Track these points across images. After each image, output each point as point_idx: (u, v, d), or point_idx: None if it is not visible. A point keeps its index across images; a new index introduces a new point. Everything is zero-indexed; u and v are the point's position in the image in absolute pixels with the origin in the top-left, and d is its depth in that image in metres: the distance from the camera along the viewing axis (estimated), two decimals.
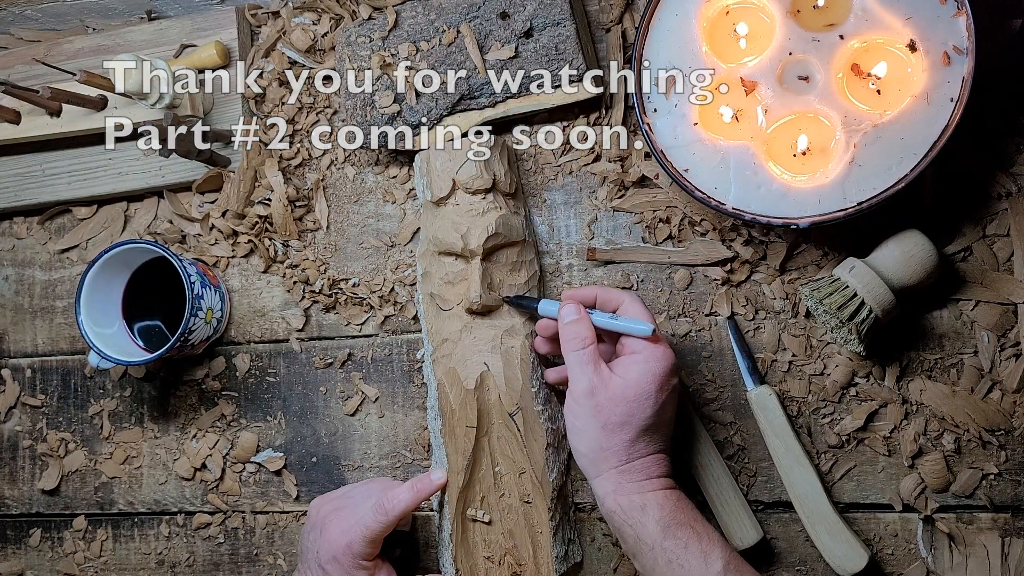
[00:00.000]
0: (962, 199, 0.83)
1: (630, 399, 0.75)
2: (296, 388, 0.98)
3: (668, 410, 0.78)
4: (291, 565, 0.97)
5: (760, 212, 0.80)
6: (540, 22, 0.87)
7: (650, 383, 0.76)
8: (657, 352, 0.77)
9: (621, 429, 0.76)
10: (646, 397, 0.75)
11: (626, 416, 0.75)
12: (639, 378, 0.76)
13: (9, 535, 1.06)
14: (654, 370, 0.76)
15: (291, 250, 0.99)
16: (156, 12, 1.06)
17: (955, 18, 0.76)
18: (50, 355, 1.06)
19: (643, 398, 0.75)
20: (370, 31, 0.92)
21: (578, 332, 0.78)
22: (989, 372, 0.82)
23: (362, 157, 0.98)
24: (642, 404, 0.75)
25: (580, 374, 0.77)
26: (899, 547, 0.84)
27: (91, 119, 0.98)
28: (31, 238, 1.08)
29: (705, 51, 0.83)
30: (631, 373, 0.76)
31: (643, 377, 0.76)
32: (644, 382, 0.76)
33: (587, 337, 0.78)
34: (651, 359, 0.76)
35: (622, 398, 0.75)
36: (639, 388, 0.75)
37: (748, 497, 0.86)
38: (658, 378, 0.76)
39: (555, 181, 0.93)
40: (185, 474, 1.00)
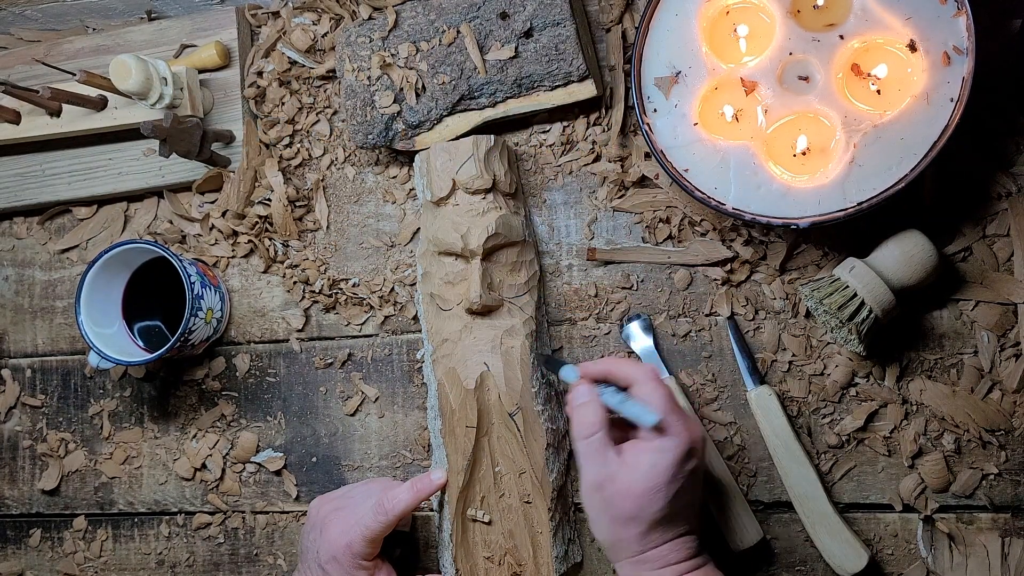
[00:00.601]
0: (962, 199, 0.83)
1: (638, 494, 0.70)
2: (296, 388, 0.98)
3: (685, 497, 0.72)
4: (291, 565, 0.97)
5: (760, 212, 0.80)
6: (540, 22, 0.87)
7: (659, 476, 0.70)
8: (667, 443, 0.71)
9: (632, 523, 0.71)
10: (655, 491, 0.70)
11: (635, 511, 0.70)
12: (648, 471, 0.70)
13: (9, 535, 1.06)
14: (664, 461, 0.70)
15: (291, 250, 0.99)
16: (156, 12, 1.06)
17: (955, 18, 0.76)
18: (50, 355, 1.06)
19: (653, 492, 0.70)
20: (370, 31, 0.92)
21: (584, 418, 0.73)
22: (989, 372, 0.82)
23: (362, 157, 0.98)
24: (652, 498, 0.70)
25: (587, 465, 0.73)
26: (899, 547, 0.84)
27: (91, 119, 0.98)
28: (31, 238, 1.08)
29: (705, 51, 0.83)
30: (641, 464, 0.71)
31: (652, 470, 0.70)
32: (653, 475, 0.70)
33: (594, 423, 0.73)
34: (662, 449, 0.71)
35: (630, 493, 0.70)
36: (648, 482, 0.70)
37: (748, 497, 0.86)
38: (669, 469, 0.70)
39: (555, 181, 0.93)
40: (185, 474, 1.00)
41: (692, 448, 0.71)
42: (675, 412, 0.72)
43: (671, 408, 0.72)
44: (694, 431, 0.73)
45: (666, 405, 0.72)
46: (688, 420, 0.73)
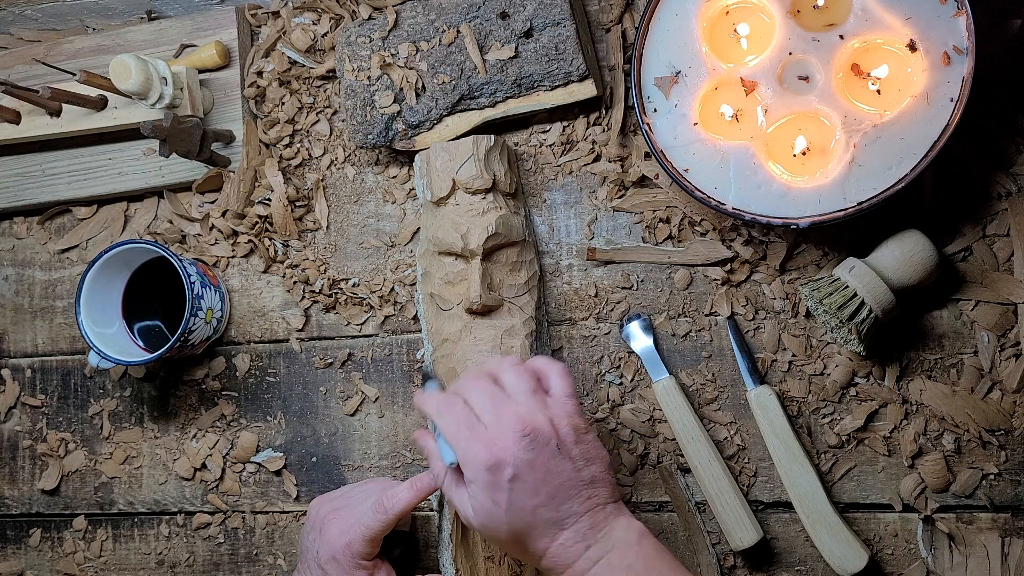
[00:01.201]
0: (962, 199, 0.83)
1: (482, 526, 0.71)
2: (296, 388, 0.98)
3: (525, 505, 0.69)
4: (291, 565, 0.97)
5: (760, 212, 0.80)
6: (540, 22, 0.87)
7: (483, 503, 0.70)
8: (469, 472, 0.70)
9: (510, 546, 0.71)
10: (490, 519, 0.70)
11: (494, 538, 0.72)
12: (475, 504, 0.71)
13: (9, 535, 1.06)
14: (477, 491, 0.70)
15: (291, 250, 0.99)
16: (156, 12, 1.06)
17: (955, 18, 0.76)
18: (50, 355, 1.06)
19: (489, 520, 0.70)
20: (370, 31, 0.92)
21: (431, 467, 0.76)
22: (989, 372, 0.82)
23: (362, 157, 0.98)
24: (494, 525, 0.70)
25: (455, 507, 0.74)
26: (899, 547, 0.84)
27: (91, 119, 0.98)
28: (31, 238, 1.08)
29: (705, 51, 0.83)
30: (470, 500, 0.71)
31: (475, 502, 0.70)
32: (480, 507, 0.70)
33: (438, 473, 0.75)
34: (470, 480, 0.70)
35: (479, 526, 0.71)
36: (480, 514, 0.70)
37: (748, 497, 0.86)
38: (486, 493, 0.70)
39: (555, 181, 0.93)
40: (185, 474, 1.00)
41: (494, 462, 0.69)
42: (465, 435, 0.71)
43: (460, 434, 0.71)
44: (499, 438, 0.70)
45: (454, 434, 0.71)
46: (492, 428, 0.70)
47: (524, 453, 0.69)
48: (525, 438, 0.69)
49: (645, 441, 0.88)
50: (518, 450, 0.69)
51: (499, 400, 0.72)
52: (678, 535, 0.87)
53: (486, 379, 0.74)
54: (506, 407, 0.71)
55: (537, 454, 0.70)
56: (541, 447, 0.70)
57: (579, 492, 0.71)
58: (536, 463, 0.70)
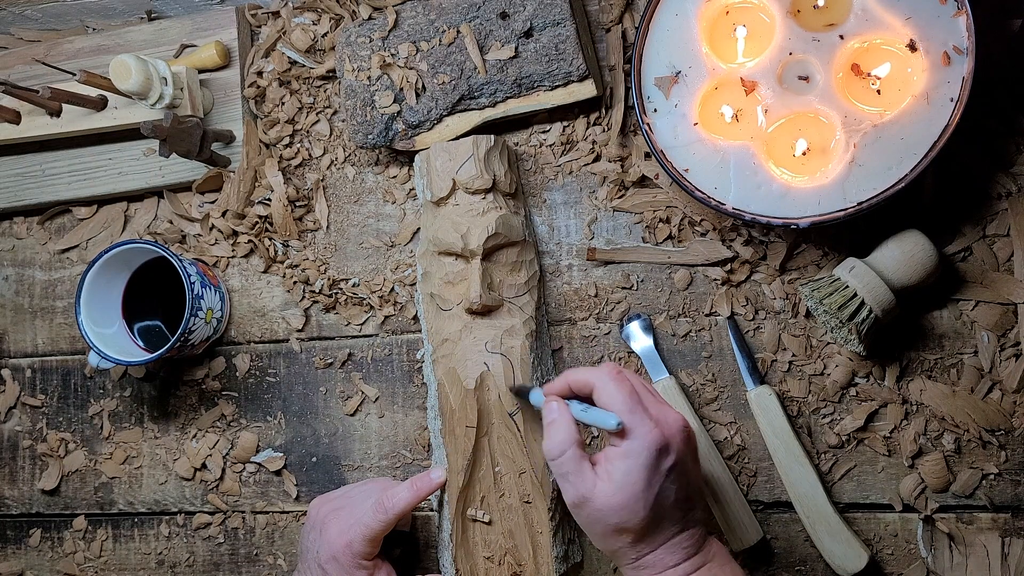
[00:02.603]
0: (962, 199, 0.83)
1: (617, 507, 0.68)
2: (296, 388, 0.98)
3: (670, 495, 0.69)
4: (291, 565, 0.97)
5: (760, 212, 0.80)
6: (540, 22, 0.87)
7: (635, 483, 0.67)
8: (634, 445, 0.68)
9: (620, 535, 0.69)
10: (635, 500, 0.68)
11: (619, 523, 0.68)
12: (623, 480, 0.68)
13: (9, 535, 1.06)
14: (636, 466, 0.68)
15: (291, 250, 0.99)
16: (156, 12, 1.06)
17: (955, 18, 0.76)
18: (50, 355, 1.06)
19: (632, 501, 0.68)
20: (370, 31, 0.92)
21: (553, 438, 0.71)
22: (989, 372, 0.82)
23: (362, 157, 0.98)
24: (633, 507, 0.68)
25: (564, 485, 0.71)
26: (899, 547, 0.84)
27: (91, 119, 0.98)
28: (31, 238, 1.08)
29: (705, 51, 0.83)
30: (615, 475, 0.68)
31: (627, 478, 0.68)
32: (628, 483, 0.67)
33: (562, 442, 0.70)
34: (630, 453, 0.68)
35: (609, 507, 0.68)
36: (625, 492, 0.68)
37: (748, 497, 0.86)
38: (642, 473, 0.67)
39: (555, 181, 0.93)
40: (185, 474, 1.00)
41: (664, 444, 0.68)
42: (638, 409, 0.69)
43: (633, 406, 0.69)
44: (666, 424, 0.69)
45: (627, 403, 0.69)
46: (658, 413, 0.70)
47: (684, 446, 0.70)
48: (684, 432, 0.71)
49: None
50: (680, 441, 0.70)
51: (653, 393, 0.73)
52: None
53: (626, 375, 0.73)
54: (661, 401, 0.73)
55: (689, 452, 0.71)
56: (691, 446, 0.72)
57: (700, 501, 0.72)
58: (688, 460, 0.71)
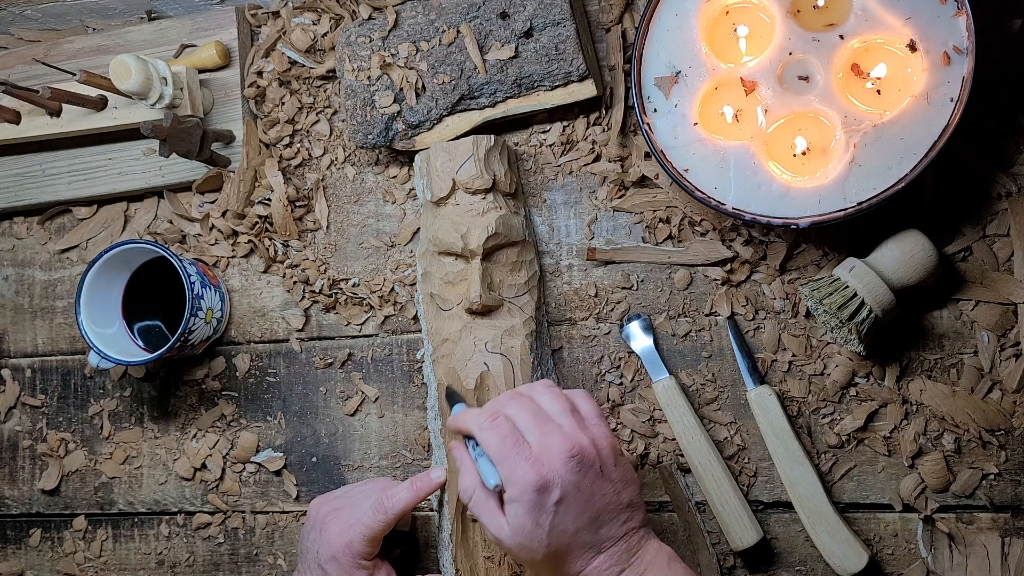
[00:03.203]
0: (962, 199, 0.83)
1: (518, 546, 0.70)
2: (296, 388, 0.98)
3: (567, 526, 0.69)
4: (291, 565, 0.97)
5: (760, 212, 0.80)
6: (540, 22, 0.87)
7: (524, 525, 0.69)
8: (514, 492, 0.69)
9: (538, 566, 0.71)
10: (529, 539, 0.69)
11: (528, 558, 0.70)
12: (515, 523, 0.69)
13: (9, 535, 1.06)
14: (520, 510, 0.69)
15: (291, 250, 0.99)
16: (156, 12, 1.06)
17: (955, 18, 0.76)
18: (50, 355, 1.06)
19: (528, 541, 0.69)
20: (370, 31, 0.92)
21: (460, 482, 0.73)
22: (989, 372, 0.82)
23: (362, 157, 0.98)
24: (530, 547, 0.69)
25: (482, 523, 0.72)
26: (899, 547, 0.84)
27: (91, 119, 0.98)
28: (31, 238, 1.08)
29: (705, 51, 0.83)
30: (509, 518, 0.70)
31: (515, 521, 0.69)
32: (518, 526, 0.69)
33: (467, 488, 0.73)
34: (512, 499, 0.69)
35: (513, 546, 0.70)
36: (519, 534, 0.69)
37: (748, 497, 0.86)
38: (529, 514, 0.68)
39: (555, 181, 0.93)
40: (185, 474, 1.00)
41: (542, 483, 0.68)
42: (511, 455, 0.69)
43: (506, 453, 0.69)
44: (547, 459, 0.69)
45: (499, 453, 0.70)
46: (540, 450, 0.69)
47: (571, 475, 0.68)
48: (573, 459, 0.69)
49: (645, 441, 0.88)
50: (566, 472, 0.68)
51: (542, 419, 0.71)
52: (678, 535, 0.87)
53: (526, 398, 0.73)
54: (549, 427, 0.70)
55: (583, 476, 0.69)
56: (587, 469, 0.69)
57: (618, 515, 0.71)
58: (582, 485, 0.69)
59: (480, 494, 0.72)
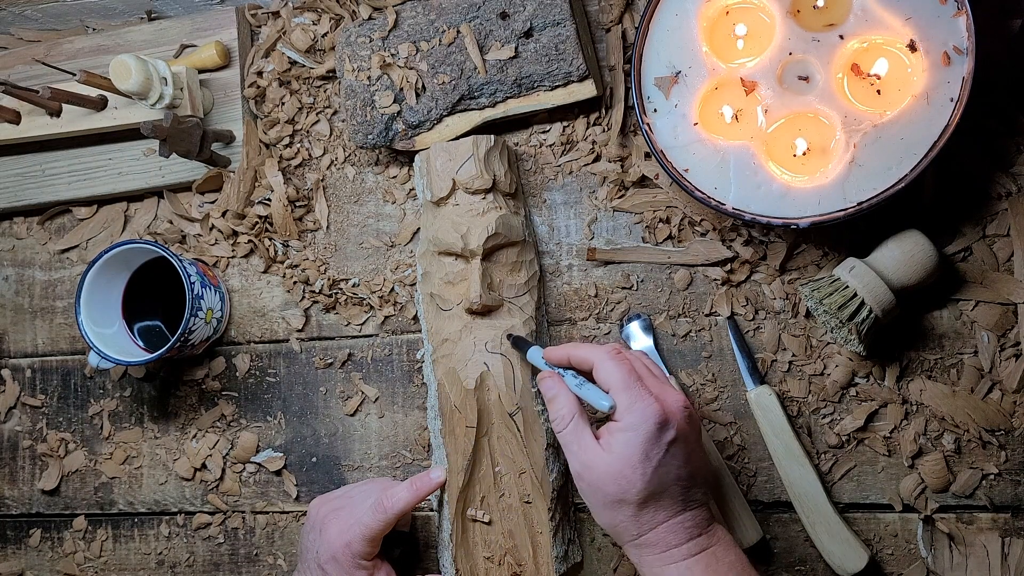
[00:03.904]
0: (962, 199, 0.83)
1: (616, 475, 0.69)
2: (296, 388, 0.98)
3: (671, 469, 0.70)
4: (291, 565, 0.97)
5: (760, 212, 0.80)
6: (540, 22, 0.87)
7: (633, 453, 0.69)
8: (634, 419, 0.69)
9: (620, 506, 0.70)
10: (632, 470, 0.69)
11: (618, 493, 0.70)
12: (621, 450, 0.69)
13: (9, 535, 1.06)
14: (635, 439, 0.69)
15: (291, 250, 0.99)
16: (156, 12, 1.06)
17: (955, 18, 0.76)
18: (50, 355, 1.06)
19: (630, 471, 0.69)
20: (370, 31, 0.92)
21: (557, 411, 0.73)
22: (989, 372, 0.82)
23: (362, 157, 0.98)
24: (631, 477, 0.69)
25: (568, 455, 0.72)
26: (899, 547, 0.84)
27: (91, 119, 0.98)
28: (31, 238, 1.08)
29: (705, 51, 0.83)
30: (615, 445, 0.70)
31: (625, 449, 0.69)
32: (627, 454, 0.69)
33: (565, 415, 0.73)
34: (630, 427, 0.69)
35: (608, 476, 0.69)
36: (622, 461, 0.69)
37: (748, 497, 0.86)
38: (643, 444, 0.69)
39: (555, 181, 0.93)
40: (185, 474, 1.00)
41: (663, 419, 0.69)
42: (637, 386, 0.70)
43: (631, 383, 0.70)
44: (667, 401, 0.71)
45: (624, 381, 0.71)
46: (659, 392, 0.71)
47: (685, 423, 0.71)
48: (687, 411, 0.72)
49: None
50: (682, 419, 0.71)
51: (655, 372, 0.74)
52: None
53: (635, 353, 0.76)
54: (662, 381, 0.73)
55: (691, 430, 0.72)
56: (694, 426, 0.73)
57: (705, 482, 0.73)
58: (690, 439, 0.72)
59: (577, 422, 0.72)
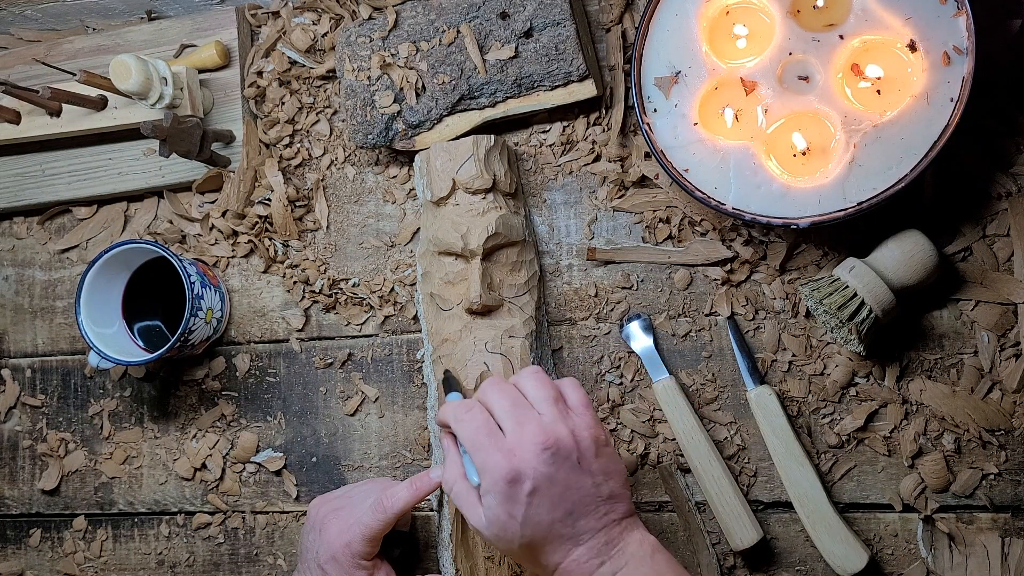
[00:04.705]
0: (962, 199, 0.83)
1: (494, 537, 0.70)
2: (296, 388, 0.98)
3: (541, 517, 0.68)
4: (291, 565, 0.97)
5: (760, 212, 0.80)
6: (540, 22, 0.87)
7: (499, 516, 0.69)
8: (487, 482, 0.69)
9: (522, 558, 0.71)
10: (504, 530, 0.69)
11: (505, 550, 0.71)
12: (489, 514, 0.69)
13: (9, 535, 1.06)
14: (494, 501, 0.69)
15: (291, 250, 0.99)
16: (156, 12, 1.06)
17: (955, 18, 0.76)
18: (50, 355, 1.06)
19: (503, 532, 0.69)
20: (370, 31, 0.92)
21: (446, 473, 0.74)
22: (989, 372, 0.82)
23: (362, 157, 0.98)
24: (507, 537, 0.69)
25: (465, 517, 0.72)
26: (899, 547, 0.84)
27: (91, 119, 0.98)
28: (31, 238, 1.08)
29: (705, 51, 0.83)
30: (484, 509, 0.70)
31: (490, 512, 0.69)
32: (493, 517, 0.69)
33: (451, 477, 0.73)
34: (487, 490, 0.69)
35: (491, 534, 0.70)
36: (494, 525, 0.69)
37: (748, 497, 0.86)
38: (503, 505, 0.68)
39: (555, 181, 0.93)
40: (185, 474, 1.00)
41: (514, 474, 0.67)
42: (485, 446, 0.69)
43: (479, 444, 0.69)
44: (520, 450, 0.68)
45: (473, 443, 0.70)
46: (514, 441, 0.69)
47: (544, 467, 0.68)
48: (547, 451, 0.68)
49: (645, 441, 0.88)
50: (539, 463, 0.67)
51: (521, 408, 0.70)
52: (678, 535, 0.87)
53: (509, 386, 0.73)
54: (528, 416, 0.70)
55: (557, 468, 0.68)
56: (561, 461, 0.68)
57: (596, 508, 0.69)
58: (556, 478, 0.68)
59: (461, 486, 0.72)
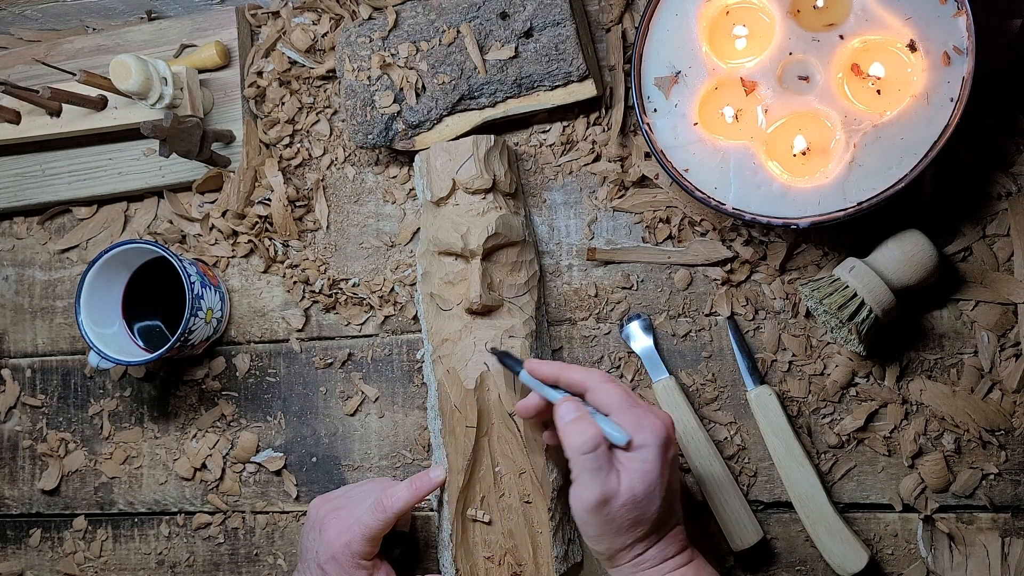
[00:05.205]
0: (962, 199, 0.83)
1: (640, 498, 0.70)
2: (296, 388, 0.98)
3: (676, 484, 0.73)
4: (291, 565, 0.97)
5: (760, 212, 0.80)
6: (540, 22, 0.87)
7: (653, 473, 0.70)
8: (649, 438, 0.70)
9: (634, 528, 0.71)
10: (654, 489, 0.70)
11: (638, 517, 0.70)
12: (644, 475, 0.70)
13: (9, 535, 1.06)
14: (653, 457, 0.70)
15: (291, 250, 0.99)
16: (156, 12, 1.06)
17: (955, 18, 0.76)
18: (50, 355, 1.06)
19: (653, 491, 0.70)
20: (370, 31, 0.92)
21: (583, 433, 0.71)
22: (989, 372, 0.82)
23: (362, 157, 0.98)
24: (652, 497, 0.70)
25: (590, 482, 0.70)
26: (899, 547, 0.84)
27: (91, 119, 0.98)
28: (31, 238, 1.08)
29: (705, 51, 0.83)
30: (634, 470, 0.70)
31: (647, 474, 0.70)
32: (649, 478, 0.70)
33: (594, 437, 0.70)
34: (647, 445, 0.70)
35: (634, 500, 0.69)
36: (646, 483, 0.70)
37: (748, 497, 0.86)
38: (659, 462, 0.70)
39: (555, 181, 0.93)
40: (185, 474, 1.00)
41: (667, 437, 0.71)
42: (636, 408, 0.72)
43: (632, 404, 0.72)
44: (663, 419, 0.72)
45: (626, 403, 0.72)
46: (653, 409, 0.73)
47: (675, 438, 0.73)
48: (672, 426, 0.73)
49: None
50: (673, 434, 0.73)
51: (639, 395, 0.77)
52: None
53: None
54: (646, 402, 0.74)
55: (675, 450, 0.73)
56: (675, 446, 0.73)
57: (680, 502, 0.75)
58: (675, 459, 0.73)
59: (604, 450, 0.70)
